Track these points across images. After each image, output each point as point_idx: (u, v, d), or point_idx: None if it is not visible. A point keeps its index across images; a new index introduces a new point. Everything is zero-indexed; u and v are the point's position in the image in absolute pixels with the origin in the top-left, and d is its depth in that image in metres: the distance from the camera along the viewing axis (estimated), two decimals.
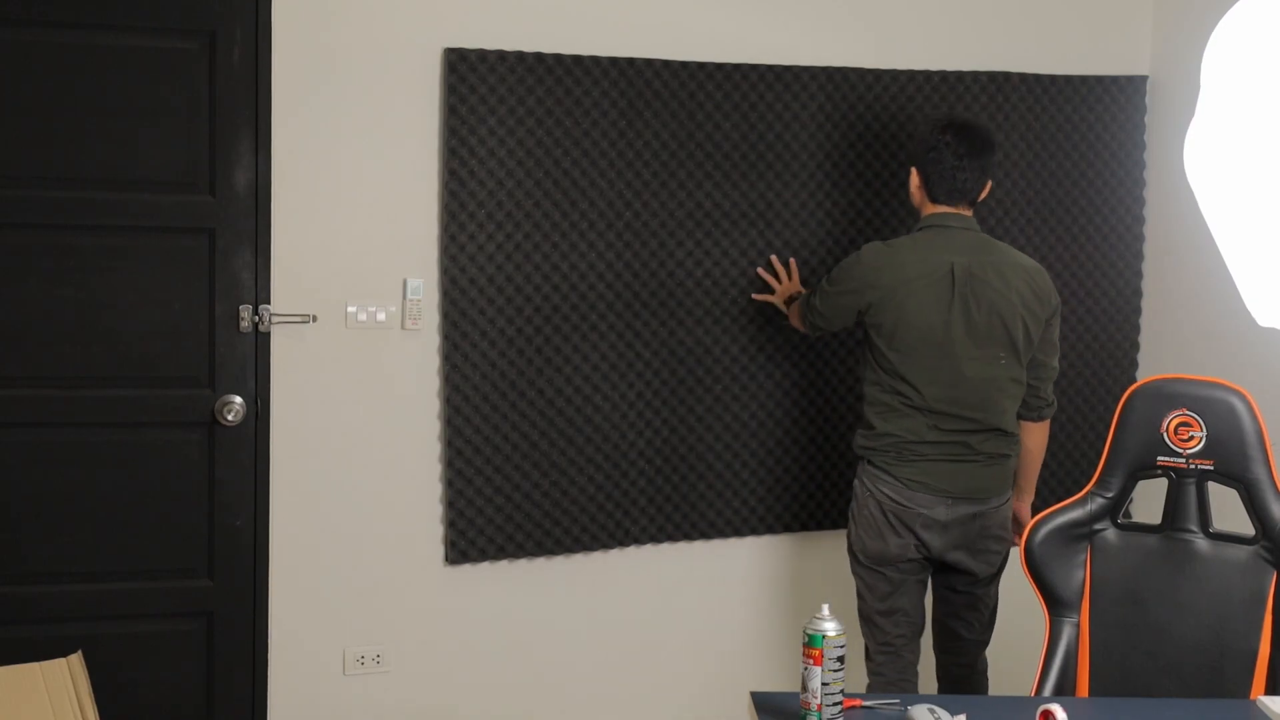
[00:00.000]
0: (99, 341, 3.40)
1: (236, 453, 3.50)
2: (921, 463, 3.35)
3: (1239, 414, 2.73)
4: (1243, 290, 3.17)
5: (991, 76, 4.04)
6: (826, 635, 2.29)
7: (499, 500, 3.70)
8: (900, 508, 3.35)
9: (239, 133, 3.43)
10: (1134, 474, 2.81)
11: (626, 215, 3.76)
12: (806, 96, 3.89)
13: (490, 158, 3.61)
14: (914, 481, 3.35)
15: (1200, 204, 3.15)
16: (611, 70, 3.70)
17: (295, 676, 3.63)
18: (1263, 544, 2.71)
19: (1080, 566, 2.82)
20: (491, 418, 3.67)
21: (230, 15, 3.41)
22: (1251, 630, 2.69)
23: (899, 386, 3.36)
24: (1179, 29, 4.07)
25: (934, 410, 3.34)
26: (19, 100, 3.31)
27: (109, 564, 3.46)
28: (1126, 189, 4.17)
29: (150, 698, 3.50)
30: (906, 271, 3.34)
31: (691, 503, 3.90)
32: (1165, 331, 4.14)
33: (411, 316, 3.63)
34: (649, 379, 3.82)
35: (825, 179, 3.93)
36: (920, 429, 3.35)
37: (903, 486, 3.35)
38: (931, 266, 3.34)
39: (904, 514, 3.35)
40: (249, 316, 3.48)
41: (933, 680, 3.62)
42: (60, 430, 3.42)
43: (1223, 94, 2.90)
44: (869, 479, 3.41)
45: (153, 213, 3.41)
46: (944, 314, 3.32)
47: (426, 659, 3.75)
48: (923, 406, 3.34)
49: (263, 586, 3.56)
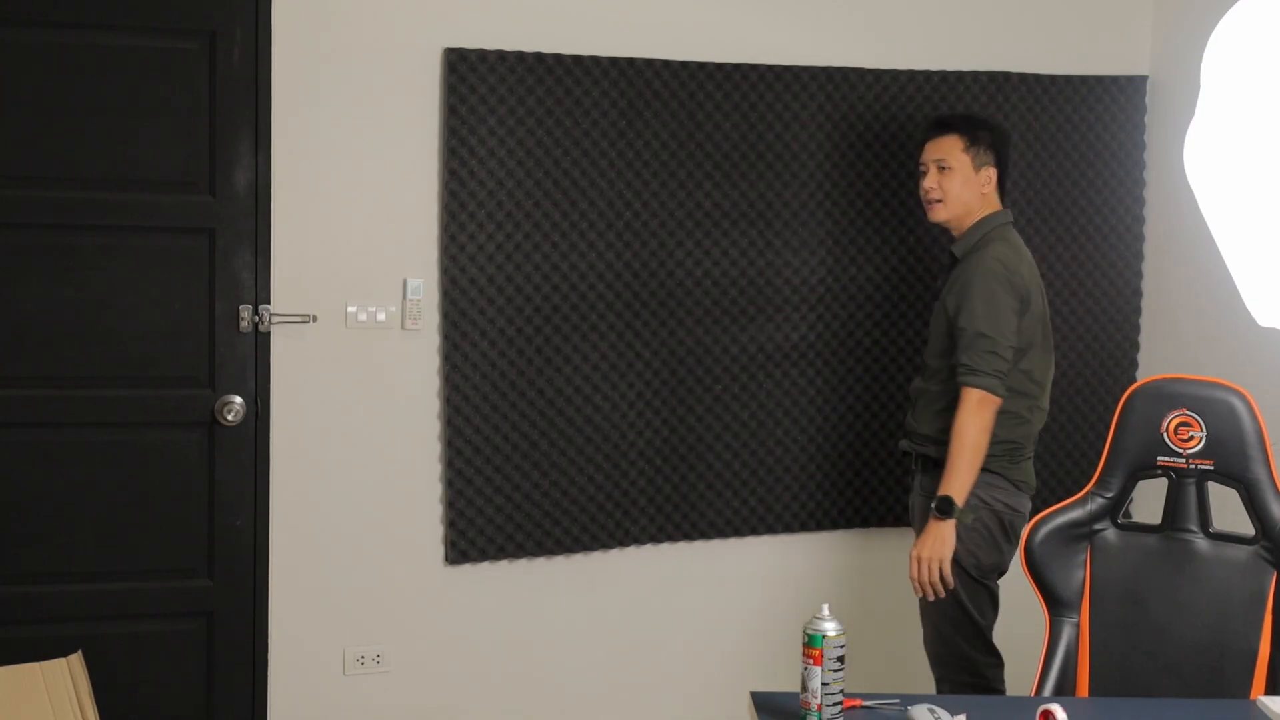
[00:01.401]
0: (99, 341, 3.40)
1: (236, 453, 3.50)
2: (1025, 463, 3.38)
3: (1239, 414, 2.73)
4: (1243, 290, 3.17)
5: (991, 76, 4.04)
6: (826, 635, 2.29)
7: (499, 500, 3.70)
8: (1014, 514, 3.34)
9: (239, 133, 3.43)
10: (1134, 474, 2.81)
11: (626, 215, 3.76)
12: (806, 96, 3.89)
13: (490, 158, 3.61)
14: (1023, 484, 3.36)
15: (1200, 204, 3.15)
16: (611, 70, 3.70)
17: (295, 676, 3.63)
18: (1263, 544, 2.71)
19: (1080, 566, 2.82)
20: (491, 418, 3.67)
21: (230, 15, 3.41)
22: (1251, 630, 2.69)
23: (1028, 388, 3.35)
24: (1179, 29, 4.07)
25: (1043, 409, 3.41)
26: (19, 100, 3.31)
27: (109, 564, 3.46)
28: (1126, 189, 4.17)
29: (150, 698, 3.50)
30: (1032, 269, 3.42)
31: (691, 503, 3.90)
32: (1165, 331, 4.14)
33: (411, 316, 3.63)
34: (649, 379, 3.82)
35: (825, 179, 3.93)
36: (1036, 430, 3.40)
37: (1014, 490, 3.33)
38: (1033, 262, 3.44)
39: (1017, 521, 3.33)
40: (249, 316, 3.48)
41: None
42: (60, 430, 3.42)
43: (1223, 94, 2.90)
44: (982, 487, 3.28)
45: (153, 213, 3.41)
46: (1046, 310, 3.43)
47: (426, 659, 3.75)
48: (1041, 406, 3.39)
49: (263, 586, 3.56)
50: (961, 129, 3.43)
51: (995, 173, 3.44)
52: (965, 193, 3.42)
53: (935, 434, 3.35)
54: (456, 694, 3.79)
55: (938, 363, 3.39)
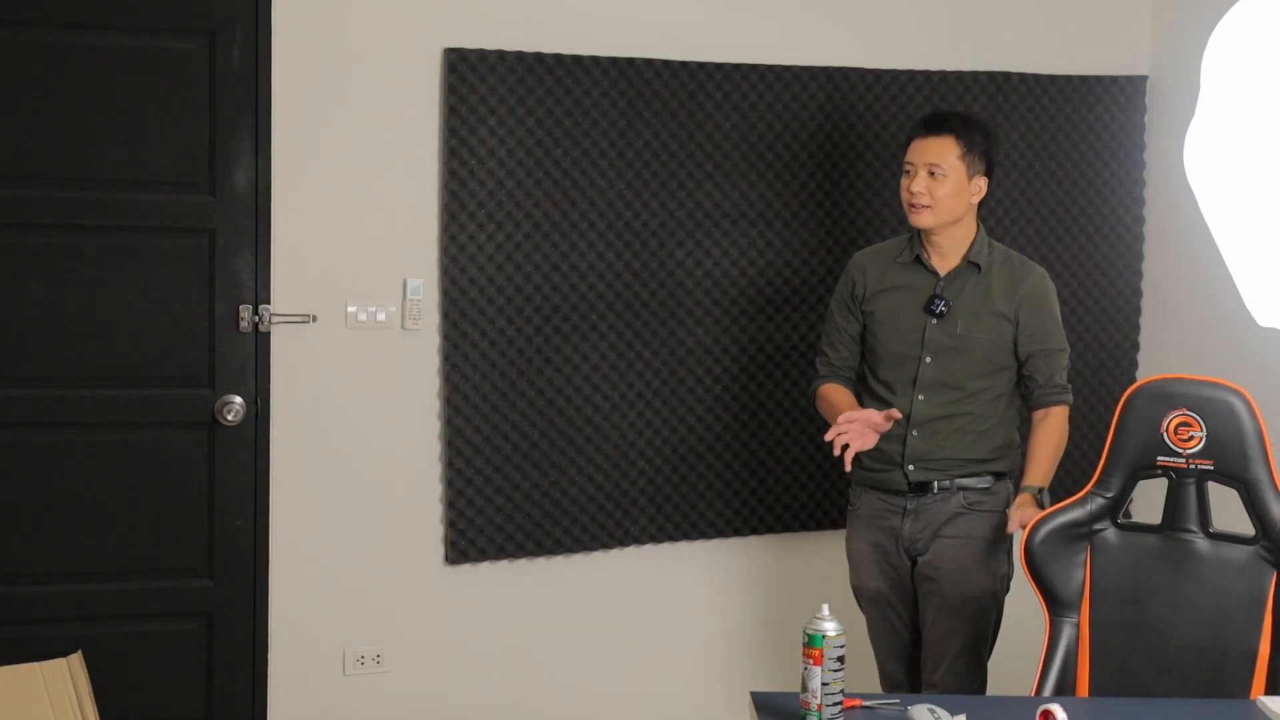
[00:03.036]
0: (99, 341, 3.40)
1: (236, 453, 3.50)
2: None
3: (1239, 414, 2.73)
4: (1243, 290, 3.16)
5: (991, 76, 4.04)
6: (826, 635, 2.29)
7: (499, 500, 3.70)
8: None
9: (239, 133, 3.43)
10: (1134, 474, 2.81)
11: (626, 215, 3.76)
12: (806, 96, 3.89)
13: (490, 158, 3.61)
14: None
15: (1200, 204, 3.15)
16: (611, 70, 3.70)
17: (295, 676, 3.63)
18: (1263, 544, 2.71)
19: (1080, 566, 2.82)
20: (491, 418, 3.67)
21: (230, 15, 3.41)
22: (1251, 630, 2.69)
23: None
24: (1179, 29, 4.07)
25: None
26: (20, 100, 3.31)
27: (109, 564, 3.46)
28: (1126, 189, 4.17)
29: (150, 698, 3.50)
30: None
31: (691, 503, 3.90)
32: (1165, 331, 4.14)
33: (411, 316, 3.63)
34: (649, 379, 3.82)
35: (825, 179, 3.93)
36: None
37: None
38: None
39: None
40: (249, 316, 3.48)
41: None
42: (60, 430, 3.42)
43: (1223, 94, 2.90)
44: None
45: (153, 213, 3.41)
46: None
47: (426, 659, 3.75)
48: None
49: (263, 586, 3.56)
50: (959, 132, 3.22)
51: (986, 183, 3.26)
52: (955, 203, 3.21)
53: (986, 454, 3.26)
54: (456, 694, 3.79)
55: (982, 382, 3.24)
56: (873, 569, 3.35)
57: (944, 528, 3.26)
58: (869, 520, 3.35)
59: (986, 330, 3.24)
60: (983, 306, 3.24)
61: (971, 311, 3.24)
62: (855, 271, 3.38)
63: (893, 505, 3.30)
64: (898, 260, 3.32)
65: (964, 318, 3.24)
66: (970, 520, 3.26)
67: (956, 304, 3.25)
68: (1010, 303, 3.24)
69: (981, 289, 3.25)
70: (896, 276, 3.31)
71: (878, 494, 3.33)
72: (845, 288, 3.39)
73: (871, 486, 3.34)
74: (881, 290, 3.32)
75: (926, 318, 3.26)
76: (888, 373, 3.30)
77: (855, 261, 3.41)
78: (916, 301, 3.27)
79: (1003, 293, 3.25)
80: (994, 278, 3.26)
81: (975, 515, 3.26)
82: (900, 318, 3.28)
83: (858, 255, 3.43)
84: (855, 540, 3.40)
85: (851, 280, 3.37)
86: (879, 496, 3.33)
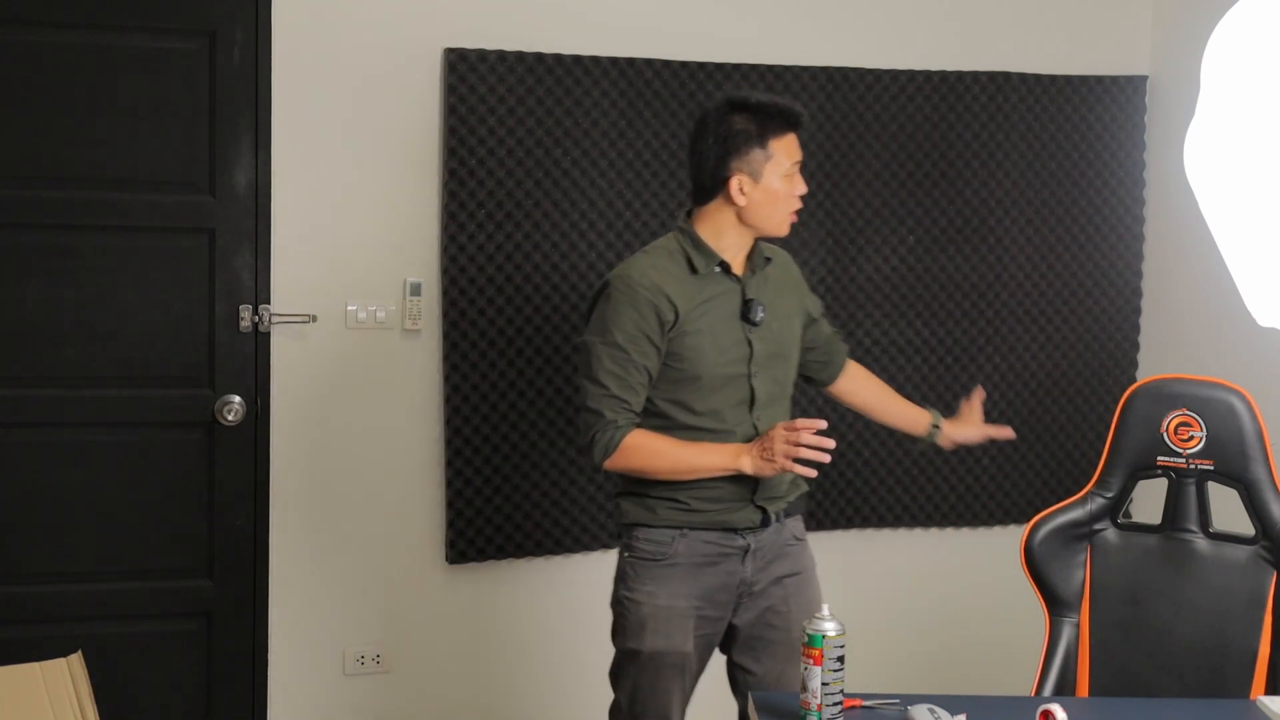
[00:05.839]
0: (99, 341, 3.40)
1: (236, 453, 3.50)
2: None
3: (1239, 414, 2.73)
4: (1243, 290, 3.17)
5: (991, 76, 4.04)
6: (826, 635, 2.29)
7: (499, 500, 3.70)
8: None
9: (239, 133, 3.44)
10: (1134, 474, 2.81)
11: (626, 215, 3.76)
12: (806, 96, 3.89)
13: (490, 158, 3.61)
14: None
15: (1200, 204, 3.15)
16: (611, 70, 3.70)
17: (295, 676, 3.63)
18: (1263, 544, 2.71)
19: (1080, 566, 2.82)
20: (491, 418, 3.67)
21: (230, 15, 3.41)
22: (1251, 630, 2.69)
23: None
24: (1179, 29, 4.07)
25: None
26: (20, 100, 3.31)
27: (109, 564, 3.46)
28: (1126, 189, 4.17)
29: (150, 698, 3.50)
30: None
31: None
32: (1165, 331, 4.14)
33: (411, 316, 3.63)
34: None
35: (825, 179, 3.93)
36: None
37: None
38: None
39: None
40: (249, 316, 3.48)
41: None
42: (60, 430, 3.42)
43: (1223, 94, 2.90)
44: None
45: (153, 213, 3.42)
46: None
47: (426, 659, 3.75)
48: None
49: (263, 586, 3.57)
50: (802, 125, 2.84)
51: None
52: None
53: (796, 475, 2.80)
54: (456, 694, 3.79)
55: (792, 386, 2.98)
56: (685, 629, 2.82)
57: (776, 565, 2.89)
58: (692, 570, 2.81)
59: (792, 325, 2.93)
60: (778, 300, 2.89)
61: (774, 311, 2.86)
62: (652, 297, 2.74)
63: (728, 547, 2.83)
64: (701, 272, 2.79)
65: (774, 319, 2.86)
66: (800, 552, 2.95)
67: (764, 305, 2.85)
68: (795, 288, 2.97)
69: (772, 285, 2.90)
70: (703, 290, 2.79)
71: (706, 536, 2.81)
72: (644, 319, 2.73)
73: (699, 528, 2.80)
74: (693, 309, 2.77)
75: (746, 327, 2.82)
76: (710, 400, 2.79)
77: (643, 285, 2.74)
78: (730, 312, 2.81)
79: (780, 281, 2.92)
80: (772, 268, 2.91)
81: (801, 546, 2.96)
82: (720, 334, 2.79)
83: (638, 277, 2.76)
84: (666, 596, 2.81)
85: (653, 309, 2.73)
86: (708, 539, 2.81)
